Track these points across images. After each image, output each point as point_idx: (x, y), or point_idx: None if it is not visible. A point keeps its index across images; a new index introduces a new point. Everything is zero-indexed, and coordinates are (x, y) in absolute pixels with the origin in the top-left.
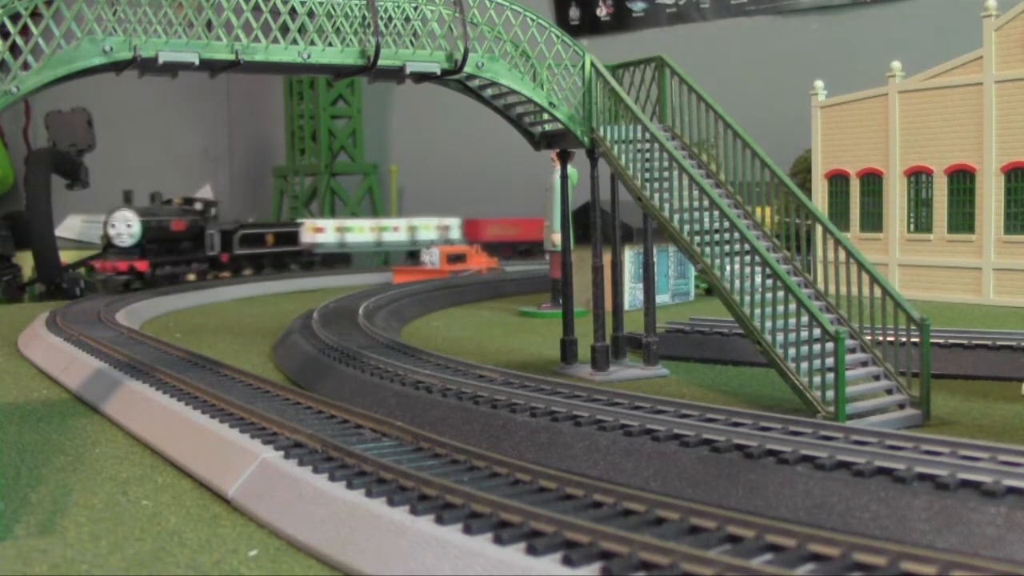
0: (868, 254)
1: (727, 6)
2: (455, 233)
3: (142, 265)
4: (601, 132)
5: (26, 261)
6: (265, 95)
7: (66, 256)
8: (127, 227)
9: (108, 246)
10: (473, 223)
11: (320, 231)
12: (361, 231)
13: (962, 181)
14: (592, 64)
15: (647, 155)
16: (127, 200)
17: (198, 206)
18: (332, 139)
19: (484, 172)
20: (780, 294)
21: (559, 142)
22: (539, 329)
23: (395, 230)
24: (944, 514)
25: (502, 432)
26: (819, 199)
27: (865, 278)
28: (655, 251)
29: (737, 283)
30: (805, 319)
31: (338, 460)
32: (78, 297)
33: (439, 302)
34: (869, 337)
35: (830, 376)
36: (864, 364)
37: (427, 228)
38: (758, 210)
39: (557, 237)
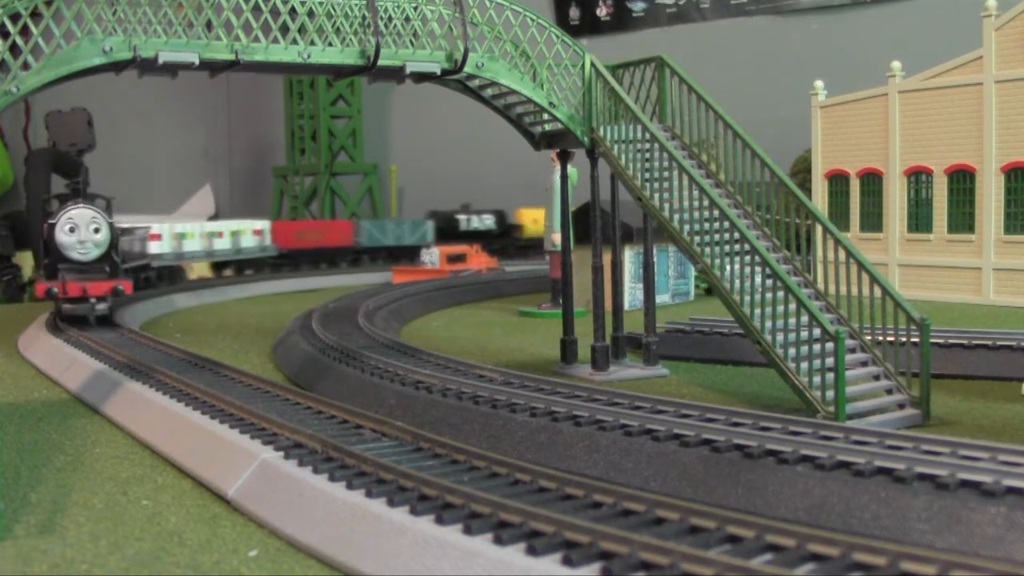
0: (868, 254)
1: (727, 6)
2: (267, 240)
3: (128, 287)
4: (601, 132)
5: (26, 261)
6: (265, 95)
7: None
8: (93, 232)
9: (60, 260)
10: (282, 226)
11: (156, 239)
12: (193, 237)
13: (962, 181)
14: (592, 64)
15: (647, 155)
16: (80, 194)
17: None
18: (332, 139)
19: (485, 172)
20: (780, 294)
21: (559, 142)
22: (539, 329)
23: (220, 236)
24: (944, 514)
25: (502, 432)
26: (819, 199)
27: (865, 278)
28: (655, 251)
29: (737, 283)
30: (805, 319)
31: (338, 460)
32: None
33: (439, 302)
34: (869, 337)
35: (830, 376)
36: (864, 364)
37: (246, 233)
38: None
39: (557, 237)
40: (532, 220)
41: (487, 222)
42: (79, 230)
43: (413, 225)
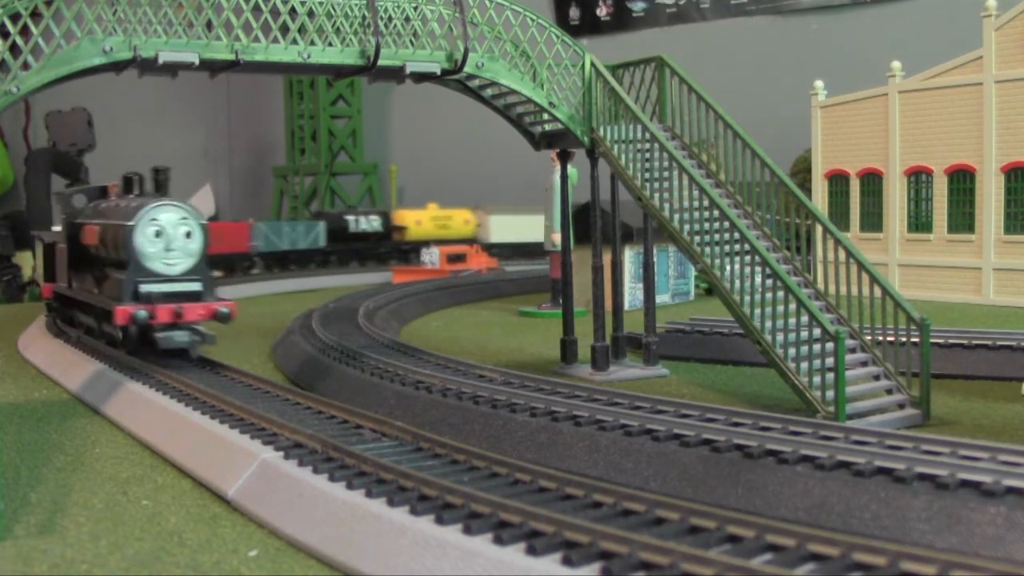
0: (868, 254)
1: (727, 6)
2: None
3: (233, 308)
4: (601, 132)
5: (26, 261)
6: (265, 95)
7: None
8: (184, 237)
9: (139, 273)
10: None
11: None
12: None
13: (962, 181)
14: (592, 64)
15: (647, 155)
16: (161, 187)
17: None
18: (332, 139)
19: (485, 171)
20: (780, 294)
21: (559, 142)
22: (539, 329)
23: None
24: (944, 514)
25: (502, 432)
26: (819, 199)
27: (865, 278)
28: (655, 251)
29: (737, 283)
30: (805, 319)
31: (338, 460)
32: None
33: (439, 302)
34: (869, 337)
35: (830, 376)
36: (864, 364)
37: None
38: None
39: (557, 237)
40: (415, 222)
41: (374, 223)
42: (166, 235)
43: (307, 227)
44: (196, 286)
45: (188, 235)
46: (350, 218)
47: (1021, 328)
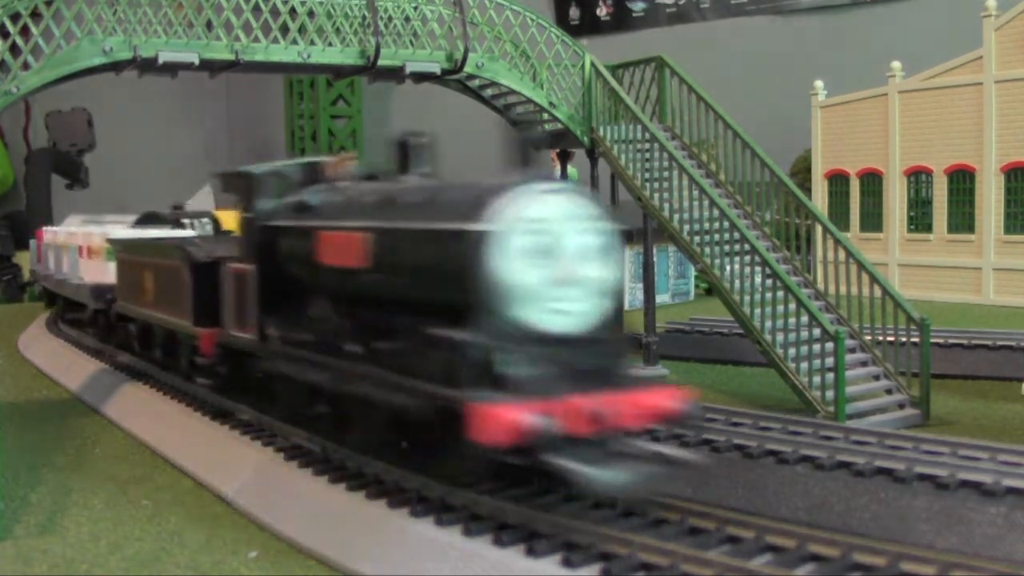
0: (868, 254)
1: (727, 6)
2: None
3: (690, 397)
4: (601, 132)
5: (26, 261)
6: (265, 95)
7: None
8: (593, 253)
9: (520, 336)
10: None
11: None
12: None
13: (962, 181)
14: (592, 64)
15: (647, 155)
16: (529, 158)
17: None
18: (332, 139)
19: (485, 171)
20: (780, 294)
21: (559, 142)
22: None
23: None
24: (944, 514)
25: None
26: (819, 199)
27: (865, 278)
28: (655, 251)
29: (737, 283)
30: (805, 319)
31: (338, 462)
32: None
33: None
34: (869, 337)
35: (830, 376)
36: (864, 364)
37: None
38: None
39: None
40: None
41: (207, 228)
42: (559, 251)
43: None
44: (609, 356)
45: (599, 252)
46: (184, 222)
47: (1021, 328)
